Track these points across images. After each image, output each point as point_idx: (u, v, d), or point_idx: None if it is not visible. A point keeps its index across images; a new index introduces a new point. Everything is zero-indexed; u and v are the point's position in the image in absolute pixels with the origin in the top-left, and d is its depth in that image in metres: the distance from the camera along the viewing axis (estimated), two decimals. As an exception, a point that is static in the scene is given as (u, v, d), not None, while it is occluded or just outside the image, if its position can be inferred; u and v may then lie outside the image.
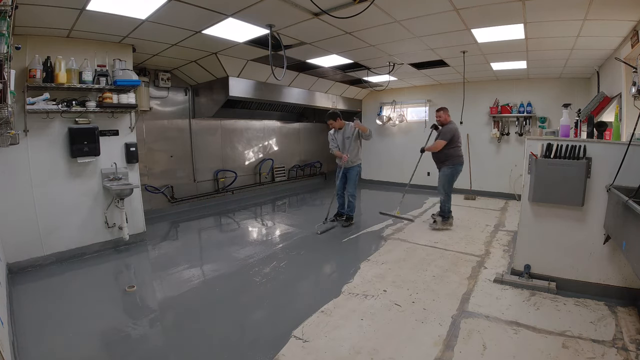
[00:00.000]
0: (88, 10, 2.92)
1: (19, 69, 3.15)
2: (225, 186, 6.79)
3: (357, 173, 4.96)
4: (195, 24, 3.50)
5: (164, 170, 5.87)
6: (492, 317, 2.48)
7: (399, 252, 3.87)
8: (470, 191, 7.13)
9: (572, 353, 2.05)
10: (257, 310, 2.72)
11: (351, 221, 5.02)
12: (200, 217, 5.79)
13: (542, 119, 6.47)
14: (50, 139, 3.57)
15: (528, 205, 2.96)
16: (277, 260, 3.72)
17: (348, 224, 4.96)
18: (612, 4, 2.90)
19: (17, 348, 2.13)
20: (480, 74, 6.23)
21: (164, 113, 5.83)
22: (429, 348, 2.13)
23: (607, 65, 4.74)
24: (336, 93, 7.92)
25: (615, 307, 2.56)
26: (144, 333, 2.42)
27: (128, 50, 4.05)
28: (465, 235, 4.45)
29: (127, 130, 4.14)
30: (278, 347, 2.15)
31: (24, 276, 3.28)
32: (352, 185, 4.93)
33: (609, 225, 2.51)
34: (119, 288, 3.19)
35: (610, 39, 3.79)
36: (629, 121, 3.38)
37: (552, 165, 2.76)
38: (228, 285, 3.16)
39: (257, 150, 7.64)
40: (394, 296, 2.83)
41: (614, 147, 2.58)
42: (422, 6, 3.15)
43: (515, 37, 3.94)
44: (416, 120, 8.16)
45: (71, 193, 3.73)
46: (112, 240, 4.05)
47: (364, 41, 4.24)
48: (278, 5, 3.00)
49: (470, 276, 3.21)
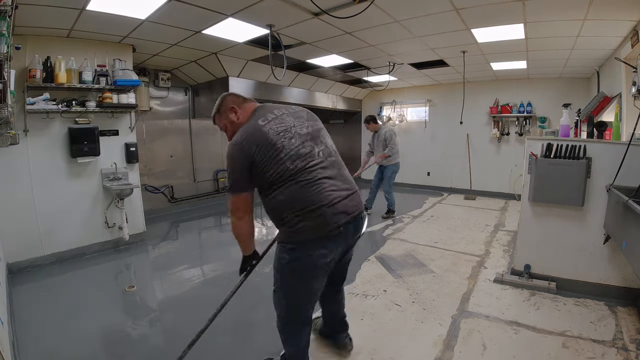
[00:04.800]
0: (88, 10, 2.91)
1: (19, 69, 3.15)
2: (225, 186, 6.79)
3: (392, 172, 5.33)
4: (195, 24, 3.50)
5: (164, 170, 5.87)
6: (492, 317, 2.48)
7: (399, 252, 3.87)
8: (470, 191, 7.13)
9: (572, 353, 2.05)
10: (257, 310, 2.72)
11: (391, 214, 5.40)
12: (200, 217, 5.79)
13: (542, 119, 6.46)
14: (50, 139, 3.57)
15: (528, 205, 2.96)
16: (277, 260, 3.72)
17: (387, 216, 5.36)
18: (612, 4, 2.90)
19: (17, 348, 2.13)
20: (480, 74, 6.23)
21: (164, 113, 5.83)
22: (429, 348, 2.13)
23: (607, 65, 4.74)
24: (336, 93, 7.92)
25: (615, 307, 2.56)
26: (144, 333, 2.42)
27: (128, 50, 4.05)
28: (465, 235, 4.45)
29: (127, 130, 4.14)
30: (279, 348, 2.14)
31: (24, 276, 3.28)
32: (387, 184, 5.34)
33: (609, 225, 2.51)
34: (119, 288, 3.19)
35: (610, 39, 3.78)
36: (629, 121, 3.38)
37: (552, 165, 2.75)
38: (228, 285, 3.14)
39: (257, 150, 7.63)
40: (394, 296, 2.83)
41: (614, 147, 2.58)
42: (422, 6, 3.14)
43: (515, 37, 3.94)
44: (416, 120, 8.16)
45: (71, 193, 3.73)
46: (112, 240, 4.05)
47: (364, 41, 4.24)
48: (278, 5, 3.00)
49: (470, 276, 3.21)
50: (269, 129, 1.54)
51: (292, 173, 1.48)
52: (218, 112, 1.74)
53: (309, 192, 1.48)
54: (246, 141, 1.51)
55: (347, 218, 1.53)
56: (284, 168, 1.48)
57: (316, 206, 1.47)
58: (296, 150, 1.52)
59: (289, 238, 1.54)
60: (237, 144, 1.53)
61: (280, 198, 1.51)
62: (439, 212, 5.82)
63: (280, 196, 1.51)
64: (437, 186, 7.84)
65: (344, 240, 1.58)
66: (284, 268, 1.58)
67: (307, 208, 1.47)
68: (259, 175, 1.52)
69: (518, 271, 3.05)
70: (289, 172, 1.48)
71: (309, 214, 1.47)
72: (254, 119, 1.61)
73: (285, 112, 1.68)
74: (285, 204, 1.50)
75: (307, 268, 1.53)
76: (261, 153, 1.48)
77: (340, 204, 1.53)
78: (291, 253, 1.53)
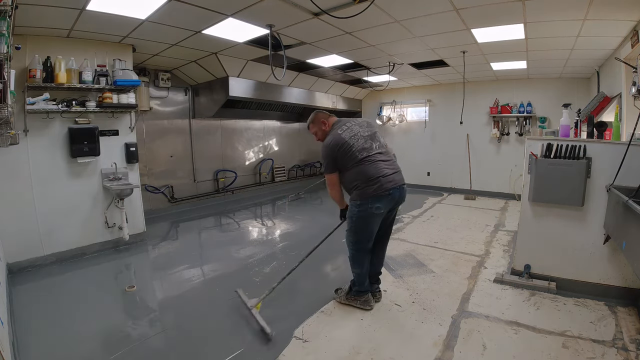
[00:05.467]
0: (88, 10, 2.92)
1: (19, 69, 3.15)
2: (225, 186, 6.79)
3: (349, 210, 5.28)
4: (195, 24, 3.50)
5: (164, 170, 5.87)
6: (492, 317, 2.48)
7: (399, 252, 3.86)
8: (470, 191, 7.14)
9: (572, 353, 2.05)
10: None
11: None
12: (200, 217, 5.79)
13: (542, 119, 6.47)
14: (50, 139, 3.57)
15: (528, 205, 2.96)
16: (277, 260, 3.72)
17: None
18: (612, 4, 2.90)
19: (17, 348, 2.13)
20: (480, 74, 6.23)
21: (164, 113, 5.83)
22: (429, 348, 2.13)
23: (607, 65, 4.74)
24: (336, 93, 7.92)
25: (615, 307, 2.56)
26: (144, 333, 2.42)
27: (128, 50, 4.05)
28: (465, 235, 4.45)
29: (127, 130, 4.14)
30: (279, 348, 2.15)
31: (24, 276, 3.28)
32: None
33: (609, 225, 2.51)
34: (119, 288, 3.19)
35: (610, 39, 3.79)
36: (629, 121, 3.38)
37: (552, 165, 2.76)
38: (228, 285, 3.15)
39: (257, 150, 7.64)
40: (394, 296, 2.83)
41: (614, 147, 2.58)
42: (422, 6, 3.15)
43: (515, 37, 3.94)
44: (416, 120, 8.16)
45: (71, 193, 3.73)
46: (112, 240, 4.05)
47: (364, 41, 4.24)
48: (278, 5, 3.00)
49: (470, 276, 3.21)
50: (344, 135, 2.47)
51: (359, 159, 2.40)
52: (312, 122, 2.71)
53: (370, 169, 2.38)
54: (332, 143, 2.47)
55: (394, 185, 2.40)
56: (355, 157, 2.41)
57: (375, 177, 2.36)
58: (361, 146, 2.44)
59: (358, 197, 2.42)
60: (328, 146, 2.50)
61: (353, 174, 2.42)
62: (439, 212, 5.83)
63: (353, 173, 2.43)
64: (437, 186, 7.85)
65: (391, 199, 2.42)
66: (354, 216, 2.47)
67: (369, 179, 2.36)
68: (340, 162, 2.45)
69: (518, 271, 3.05)
70: (357, 158, 2.41)
71: (370, 182, 2.36)
72: (334, 129, 2.56)
73: (353, 123, 2.58)
74: (356, 177, 2.41)
75: (367, 215, 2.41)
76: (341, 150, 2.43)
77: (390, 176, 2.40)
78: (359, 206, 2.42)
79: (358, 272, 2.59)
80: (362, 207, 2.40)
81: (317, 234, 4.63)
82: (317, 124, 2.68)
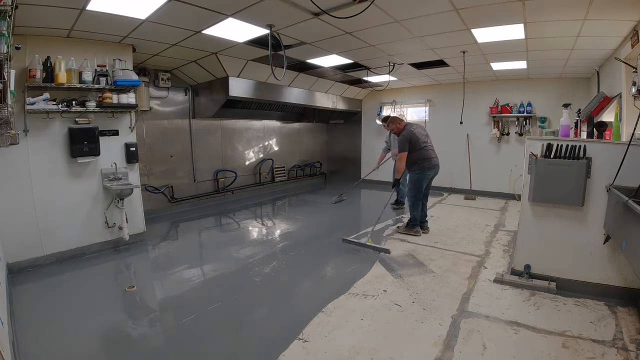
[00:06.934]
0: (88, 10, 2.92)
1: (19, 69, 3.15)
2: (225, 186, 6.79)
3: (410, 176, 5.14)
4: (195, 24, 3.50)
5: (164, 170, 5.87)
6: (492, 317, 2.48)
7: (399, 252, 3.86)
8: (470, 191, 7.13)
9: (572, 353, 2.05)
10: (257, 310, 2.72)
11: (400, 205, 6.07)
12: (200, 217, 5.79)
13: (542, 119, 6.47)
14: (50, 139, 3.57)
15: (528, 205, 2.96)
16: (277, 260, 3.73)
17: (397, 207, 6.04)
18: (612, 4, 2.90)
19: (17, 348, 2.13)
20: (480, 74, 6.23)
21: (164, 113, 5.83)
22: (429, 348, 2.13)
23: (607, 65, 4.74)
24: (336, 93, 7.92)
25: (615, 307, 2.56)
26: (144, 333, 2.42)
27: (128, 50, 4.05)
28: (465, 235, 4.45)
29: (127, 130, 4.14)
30: (279, 348, 2.15)
31: (24, 276, 3.28)
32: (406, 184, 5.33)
33: (609, 225, 2.51)
34: (119, 288, 3.19)
35: (610, 39, 3.79)
36: (629, 121, 3.38)
37: (552, 165, 2.76)
38: (228, 286, 3.15)
39: (257, 150, 7.64)
40: (394, 296, 2.83)
41: (614, 147, 2.58)
42: (422, 6, 3.15)
43: (515, 37, 3.94)
44: (416, 120, 8.13)
45: (71, 193, 3.73)
46: (112, 240, 4.05)
47: (364, 41, 4.25)
48: (278, 5, 3.00)
49: (470, 276, 3.21)
50: (415, 131, 4.33)
51: (421, 147, 4.31)
52: (392, 122, 4.49)
53: (426, 153, 4.32)
54: (410, 135, 4.27)
55: (436, 163, 4.41)
56: (419, 145, 4.30)
57: (428, 158, 4.34)
58: (423, 139, 4.35)
59: (418, 168, 4.33)
60: (407, 135, 4.28)
61: (416, 154, 4.30)
62: (439, 212, 5.83)
63: (416, 154, 4.30)
64: (437, 186, 7.75)
65: (434, 171, 4.42)
66: (413, 179, 4.43)
67: (425, 158, 4.32)
68: (411, 146, 4.26)
69: (518, 271, 3.05)
70: (420, 146, 4.30)
71: (426, 160, 4.32)
72: (408, 128, 4.36)
73: (417, 126, 4.50)
74: (419, 156, 4.31)
75: (422, 179, 4.37)
76: (413, 139, 4.26)
77: (434, 159, 4.40)
78: (418, 174, 4.35)
79: (415, 214, 4.43)
80: (420, 174, 4.33)
81: (317, 233, 4.67)
82: (395, 123, 4.44)
